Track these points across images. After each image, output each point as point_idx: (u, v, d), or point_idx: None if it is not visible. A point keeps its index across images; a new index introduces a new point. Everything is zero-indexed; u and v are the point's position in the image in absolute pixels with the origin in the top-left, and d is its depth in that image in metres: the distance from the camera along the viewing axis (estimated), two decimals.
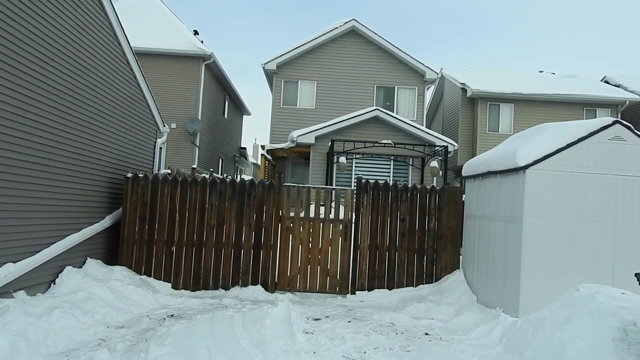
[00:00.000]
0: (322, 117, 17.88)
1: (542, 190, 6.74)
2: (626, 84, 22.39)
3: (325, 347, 5.60)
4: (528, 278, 6.63)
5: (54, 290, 6.92)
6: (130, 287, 7.70)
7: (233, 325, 6.10)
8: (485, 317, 6.75)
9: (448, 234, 9.14)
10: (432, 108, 26.48)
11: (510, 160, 7.02)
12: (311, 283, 9.11)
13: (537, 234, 6.69)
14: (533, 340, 5.23)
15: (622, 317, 4.70)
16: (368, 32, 19.18)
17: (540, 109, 20.50)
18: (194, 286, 8.87)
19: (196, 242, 8.96)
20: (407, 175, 16.12)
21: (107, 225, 8.77)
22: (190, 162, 18.77)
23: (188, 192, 8.99)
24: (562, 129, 7.08)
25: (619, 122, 6.86)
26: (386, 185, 9.24)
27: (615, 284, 5.89)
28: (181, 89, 19.27)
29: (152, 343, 5.37)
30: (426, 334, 6.46)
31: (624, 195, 6.80)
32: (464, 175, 8.82)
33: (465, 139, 21.11)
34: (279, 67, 19.01)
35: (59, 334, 5.51)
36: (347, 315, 7.43)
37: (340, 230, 9.18)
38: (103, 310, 6.58)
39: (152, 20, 20.86)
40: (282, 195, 9.15)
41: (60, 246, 7.21)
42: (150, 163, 10.98)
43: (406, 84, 19.49)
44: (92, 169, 8.16)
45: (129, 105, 9.55)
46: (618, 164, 6.81)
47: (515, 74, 23.81)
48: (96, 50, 8.06)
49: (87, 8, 7.71)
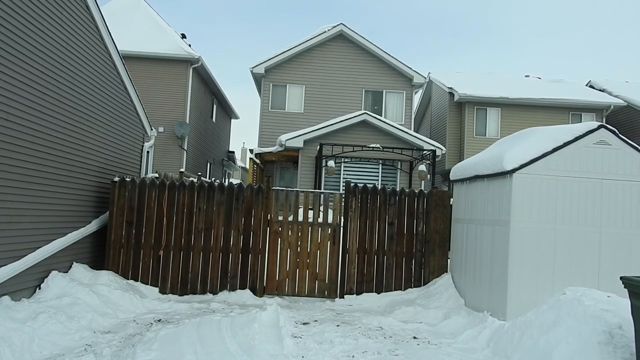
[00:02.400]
0: (310, 121, 17.89)
1: (528, 194, 6.79)
2: (610, 89, 22.70)
3: (313, 351, 5.59)
4: (515, 281, 6.67)
5: (39, 295, 6.83)
6: (117, 292, 7.63)
7: (221, 330, 6.06)
8: (473, 321, 6.78)
9: (436, 237, 9.17)
10: (420, 112, 26.61)
11: (498, 164, 7.08)
12: (300, 287, 9.09)
13: (524, 238, 6.74)
14: (520, 344, 5.26)
15: (608, 320, 4.74)
16: (356, 36, 19.24)
17: (526, 113, 20.69)
18: (181, 290, 8.81)
19: (184, 246, 8.90)
20: (396, 179, 16.17)
21: (94, 230, 8.68)
22: (178, 165, 18.67)
23: (176, 196, 8.94)
24: (548, 133, 7.15)
25: (604, 127, 6.94)
26: (374, 189, 9.26)
27: (601, 287, 5.96)
28: (169, 93, 19.19)
29: (139, 348, 5.32)
30: (414, 338, 6.47)
31: (609, 199, 6.87)
32: (452, 179, 8.86)
33: (452, 143, 21.24)
34: (267, 70, 19.00)
35: (44, 340, 5.44)
36: (335, 319, 7.42)
37: (329, 234, 9.18)
38: (89, 315, 6.51)
39: (140, 23, 20.76)
40: (270, 199, 9.13)
41: (45, 250, 7.13)
42: (137, 167, 10.90)
43: (394, 88, 19.57)
44: (78, 172, 8.09)
45: (116, 109, 9.48)
46: (603, 168, 6.89)
47: (502, 78, 24.03)
48: (83, 54, 8.00)
49: (73, 11, 7.65)
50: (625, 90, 22.36)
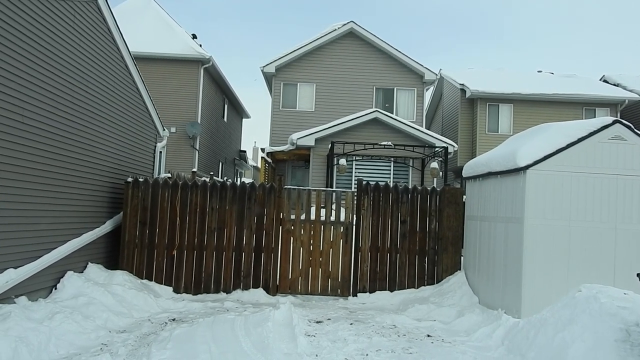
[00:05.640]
0: (321, 120, 17.87)
1: (542, 190, 6.73)
2: (625, 83, 22.39)
3: (327, 349, 5.60)
4: (529, 279, 6.62)
5: (56, 295, 6.92)
6: (132, 292, 7.69)
7: (235, 329, 6.09)
8: (487, 319, 6.74)
9: (449, 235, 9.13)
10: (432, 109, 26.48)
11: (511, 161, 7.02)
12: (312, 286, 9.10)
13: (538, 235, 6.69)
14: (535, 342, 5.22)
15: (624, 317, 4.69)
16: (366, 33, 19.18)
17: (539, 109, 20.50)
18: (195, 290, 8.86)
19: (197, 245, 8.95)
20: (407, 177, 16.10)
21: (108, 230, 8.76)
22: (190, 165, 18.77)
23: (188, 196, 8.99)
24: (562, 129, 7.08)
25: (619, 122, 6.86)
26: (386, 187, 9.23)
27: (617, 284, 5.89)
28: (180, 93, 19.28)
29: (154, 347, 5.37)
30: (428, 336, 6.45)
31: (624, 195, 6.79)
32: (465, 176, 8.82)
33: (465, 139, 21.11)
34: (277, 69, 19.01)
35: (61, 339, 5.50)
36: (348, 317, 7.42)
37: (341, 232, 9.17)
38: (104, 314, 6.57)
39: (150, 24, 20.88)
40: (282, 198, 9.15)
41: (61, 251, 7.21)
42: (150, 167, 10.98)
43: (405, 86, 19.48)
44: (92, 174, 8.16)
45: (129, 110, 9.56)
46: (618, 164, 6.81)
47: (514, 74, 23.82)
48: (95, 56, 8.07)
49: (86, 14, 7.72)
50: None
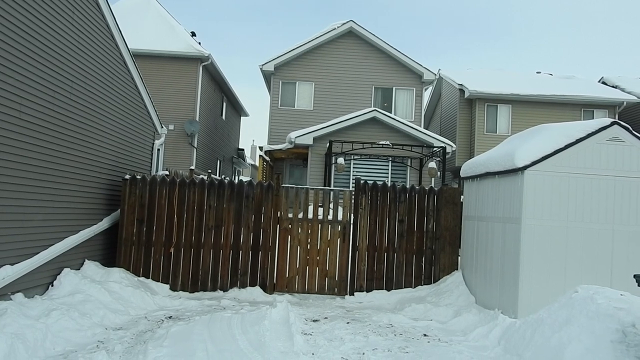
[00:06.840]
0: (320, 119, 17.87)
1: (540, 191, 6.74)
2: (623, 85, 22.43)
3: (324, 348, 5.60)
4: (527, 279, 6.63)
5: (52, 292, 6.90)
6: (129, 289, 7.68)
7: (231, 327, 6.09)
8: (484, 318, 6.75)
9: (446, 235, 9.14)
10: (430, 109, 26.49)
11: (509, 161, 7.03)
12: (310, 284, 9.10)
13: (536, 235, 6.69)
14: (531, 342, 5.23)
15: (621, 318, 4.69)
16: (366, 33, 19.17)
17: (538, 110, 20.52)
18: (192, 288, 8.85)
19: (194, 243, 8.94)
20: (406, 176, 16.12)
21: (105, 227, 8.75)
22: (188, 163, 18.76)
23: (186, 194, 8.98)
24: (560, 130, 7.09)
25: (617, 123, 6.87)
26: (384, 186, 9.23)
27: (614, 285, 5.90)
28: (179, 91, 19.26)
29: (150, 345, 5.36)
30: (425, 335, 6.45)
31: (622, 196, 6.80)
32: (463, 176, 8.82)
33: (463, 139, 21.13)
34: (276, 68, 19.00)
35: (57, 336, 5.49)
36: (345, 316, 7.42)
37: (338, 231, 9.17)
38: (101, 312, 6.56)
39: (150, 21, 20.84)
40: (280, 196, 9.14)
41: (58, 248, 7.19)
42: (148, 165, 10.96)
43: (404, 85, 19.49)
44: (90, 171, 8.15)
45: (127, 107, 9.54)
46: (616, 165, 6.82)
47: (513, 75, 23.84)
48: (94, 52, 8.05)
49: (84, 10, 7.69)
50: (638, 87, 22.09)
